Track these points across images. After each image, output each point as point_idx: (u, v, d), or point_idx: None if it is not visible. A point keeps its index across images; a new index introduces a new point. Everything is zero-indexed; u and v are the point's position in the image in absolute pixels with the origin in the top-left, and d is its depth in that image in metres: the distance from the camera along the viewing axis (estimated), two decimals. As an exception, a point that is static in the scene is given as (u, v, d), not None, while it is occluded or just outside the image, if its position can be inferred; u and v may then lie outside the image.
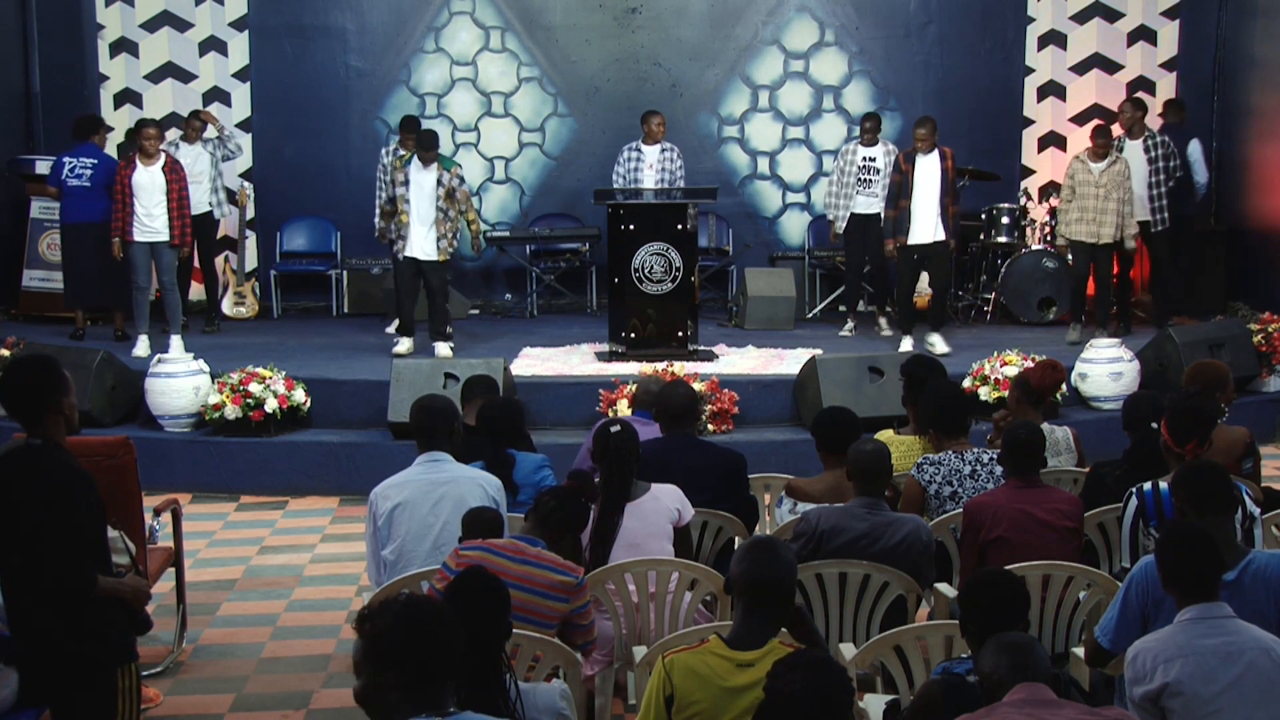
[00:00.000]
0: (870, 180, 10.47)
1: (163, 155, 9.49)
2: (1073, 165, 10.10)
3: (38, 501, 3.80)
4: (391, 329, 10.66)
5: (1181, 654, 3.54)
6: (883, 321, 10.69)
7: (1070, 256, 10.51)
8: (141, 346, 9.41)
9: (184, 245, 9.67)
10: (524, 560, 4.26)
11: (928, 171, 9.55)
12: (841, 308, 11.30)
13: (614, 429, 5.01)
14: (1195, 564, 3.65)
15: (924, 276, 10.29)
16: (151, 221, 9.44)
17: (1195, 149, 11.10)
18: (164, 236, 9.49)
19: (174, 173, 9.46)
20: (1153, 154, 10.28)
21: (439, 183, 9.24)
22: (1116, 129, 10.50)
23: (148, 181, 9.39)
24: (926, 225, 9.59)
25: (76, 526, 3.86)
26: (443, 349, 9.39)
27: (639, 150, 10.88)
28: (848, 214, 10.58)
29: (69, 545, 3.84)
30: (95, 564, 3.94)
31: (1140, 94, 12.02)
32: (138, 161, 9.44)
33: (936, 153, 9.55)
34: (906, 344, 9.62)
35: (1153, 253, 10.57)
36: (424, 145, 9.34)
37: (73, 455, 3.95)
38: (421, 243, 9.28)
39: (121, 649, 4.05)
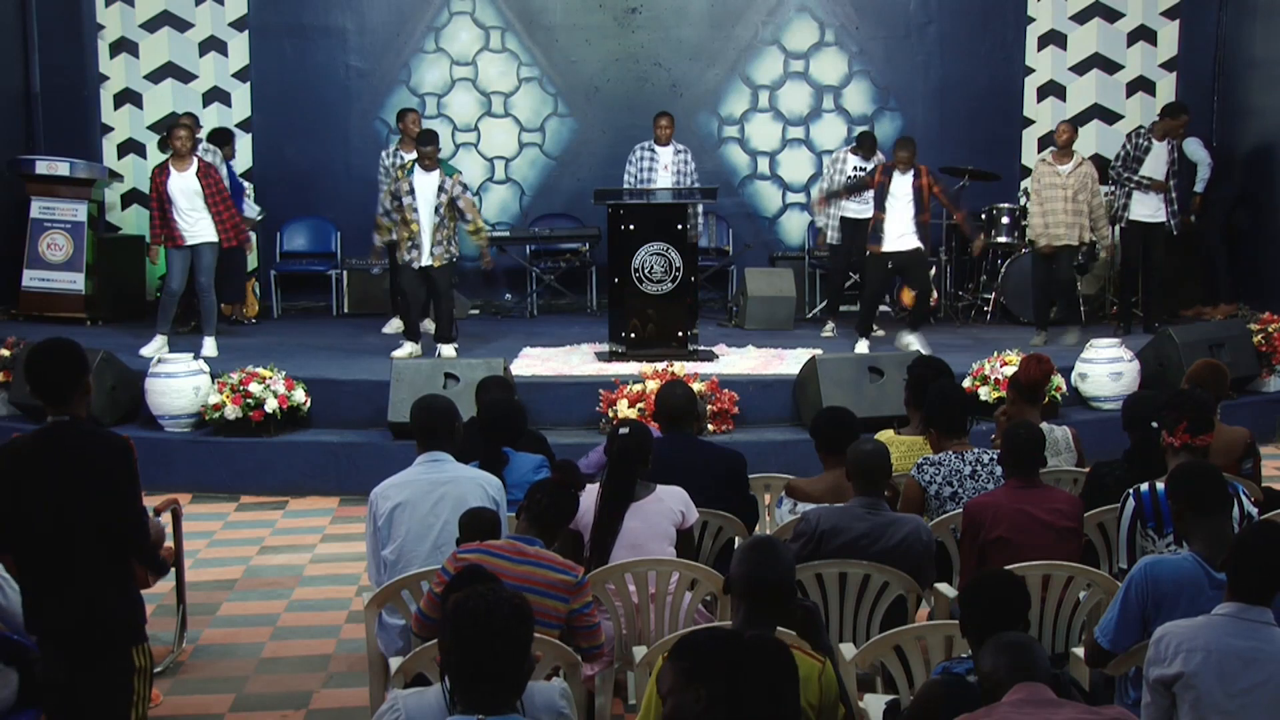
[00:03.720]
0: None
1: (195, 160, 9.46)
2: (1038, 169, 10.15)
3: (88, 472, 3.87)
4: (389, 329, 10.66)
5: (1206, 648, 3.50)
6: (907, 328, 10.69)
7: (1032, 262, 10.55)
8: (152, 346, 9.39)
9: (241, 240, 9.75)
10: (523, 560, 4.26)
11: (901, 187, 9.56)
12: (813, 312, 11.35)
13: (623, 430, 5.03)
14: (1262, 563, 3.56)
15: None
16: (191, 226, 9.39)
17: (1193, 143, 11.24)
18: (203, 239, 9.44)
19: (207, 175, 9.42)
20: (1172, 156, 10.30)
21: (441, 189, 9.25)
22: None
23: (182, 186, 9.35)
24: (898, 236, 9.58)
25: (133, 487, 3.95)
26: (448, 350, 9.39)
27: (653, 150, 10.86)
28: (838, 220, 10.63)
29: (133, 506, 3.94)
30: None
31: (1140, 94, 12.05)
32: (171, 167, 9.43)
33: (912, 171, 9.55)
34: (861, 347, 9.59)
35: (1150, 254, 10.59)
36: (422, 142, 9.35)
37: (110, 432, 4.05)
38: (428, 250, 9.28)
39: (134, 629, 4.07)
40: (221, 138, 11.16)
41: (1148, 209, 10.25)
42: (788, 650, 3.03)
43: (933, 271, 11.15)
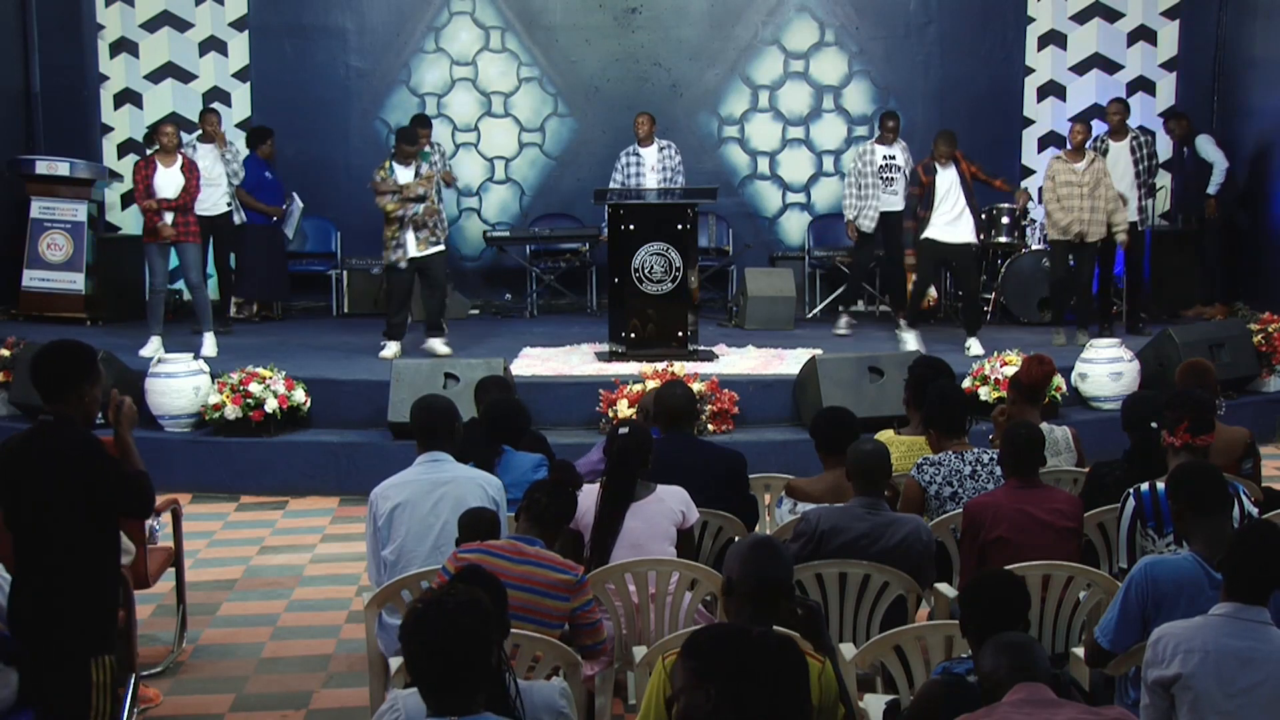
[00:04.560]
0: (893, 178, 10.51)
1: (180, 156, 9.48)
2: (1053, 166, 10.16)
3: (63, 474, 3.91)
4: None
5: (1203, 649, 3.49)
6: (903, 322, 10.68)
7: (1050, 259, 10.55)
8: (150, 347, 9.39)
9: (185, 237, 9.52)
10: (523, 560, 4.26)
11: (947, 181, 9.67)
12: (840, 306, 11.31)
13: (623, 430, 5.02)
14: (1257, 563, 3.55)
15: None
16: (174, 222, 9.39)
17: (1206, 141, 11.29)
18: (186, 239, 9.47)
19: (190, 172, 9.44)
20: (1138, 154, 10.31)
21: (416, 174, 9.30)
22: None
23: (167, 182, 9.37)
24: (955, 227, 9.68)
25: (113, 481, 4.01)
26: (439, 346, 9.38)
27: (637, 154, 10.87)
28: (876, 213, 10.53)
29: (116, 494, 4.00)
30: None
31: (1140, 94, 12.06)
32: (157, 162, 9.44)
33: (953, 163, 9.68)
34: (910, 339, 9.66)
35: (1132, 254, 10.61)
36: (401, 139, 9.46)
37: (85, 430, 4.05)
38: (413, 242, 9.31)
39: (95, 639, 4.05)
40: (259, 135, 11.24)
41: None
42: (798, 649, 3.02)
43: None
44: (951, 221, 9.66)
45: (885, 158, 10.62)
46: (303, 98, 12.21)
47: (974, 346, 9.56)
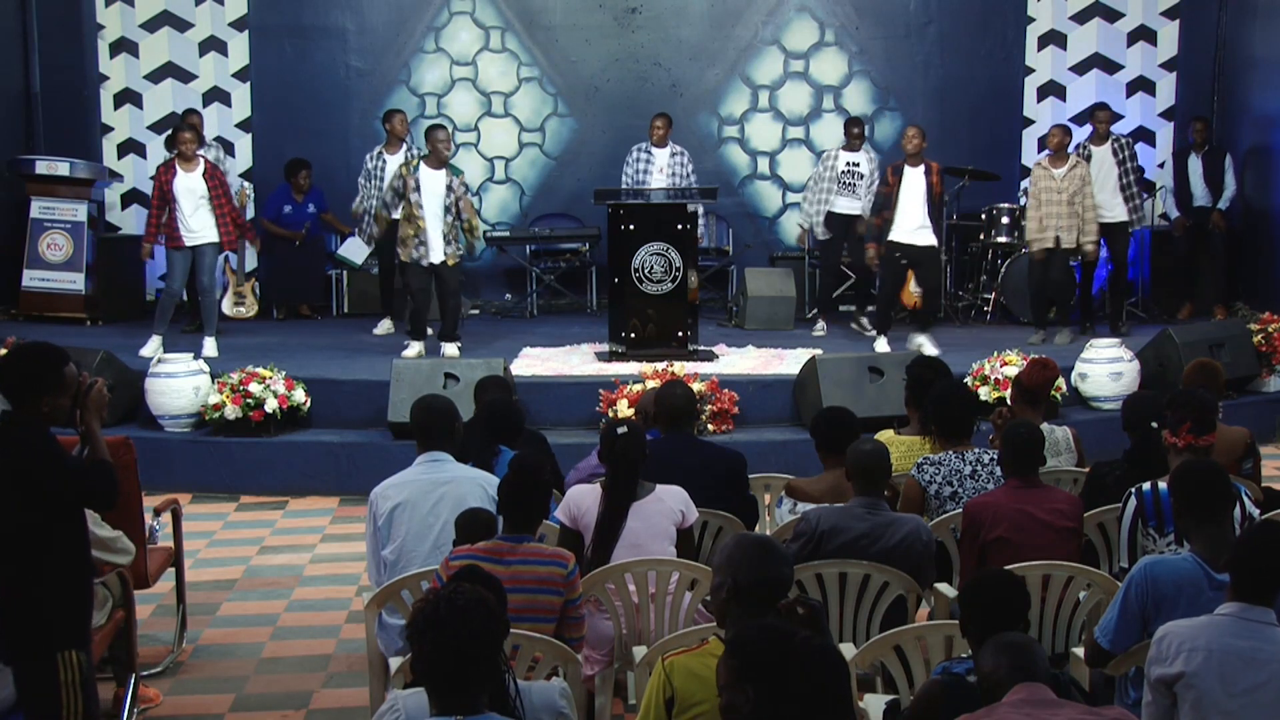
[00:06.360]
0: (854, 185, 10.55)
1: (201, 160, 9.49)
2: (1035, 172, 10.19)
3: (16, 466, 3.89)
4: (380, 330, 10.64)
5: (1207, 648, 3.49)
6: (864, 321, 10.72)
7: (1029, 264, 10.53)
8: (150, 347, 9.39)
9: (234, 246, 9.77)
10: (513, 560, 4.25)
11: (913, 182, 9.62)
12: (813, 311, 11.33)
13: (620, 430, 5.00)
14: (1263, 563, 3.55)
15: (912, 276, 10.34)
16: (193, 227, 9.41)
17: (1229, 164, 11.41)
18: (204, 240, 9.46)
19: (213, 177, 9.46)
20: (1120, 155, 10.33)
21: (449, 189, 9.24)
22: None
23: (187, 187, 9.37)
24: (912, 229, 9.64)
25: (67, 467, 3.95)
26: (450, 349, 9.38)
27: (649, 152, 10.88)
28: (821, 215, 10.61)
29: (71, 476, 3.95)
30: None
31: (1140, 94, 12.06)
32: (177, 166, 9.44)
33: (923, 166, 9.63)
34: (882, 344, 9.64)
35: (1117, 254, 10.61)
36: (434, 132, 9.38)
37: (42, 429, 4.00)
38: (437, 247, 9.28)
39: (60, 634, 4.02)
40: (292, 168, 11.43)
41: (1102, 208, 10.27)
42: (842, 658, 2.99)
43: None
44: (914, 229, 9.64)
45: (848, 164, 10.65)
46: (303, 98, 12.21)
47: (926, 345, 9.54)
